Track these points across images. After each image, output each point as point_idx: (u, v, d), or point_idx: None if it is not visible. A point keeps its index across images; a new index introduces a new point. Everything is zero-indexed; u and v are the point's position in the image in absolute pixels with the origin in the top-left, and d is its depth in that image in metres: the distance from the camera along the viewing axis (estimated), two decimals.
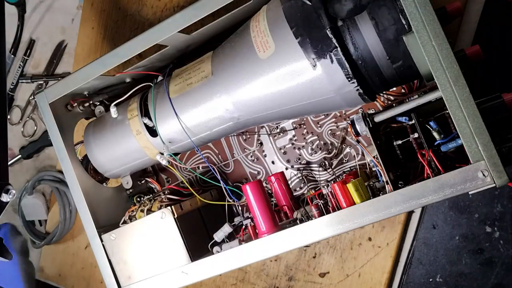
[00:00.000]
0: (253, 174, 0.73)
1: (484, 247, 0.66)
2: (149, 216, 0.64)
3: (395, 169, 0.56)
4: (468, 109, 0.45)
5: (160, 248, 0.64)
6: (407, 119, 0.54)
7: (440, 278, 0.68)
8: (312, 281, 0.73)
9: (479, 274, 0.66)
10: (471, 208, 0.67)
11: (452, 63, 0.45)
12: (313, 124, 0.69)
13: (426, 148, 0.52)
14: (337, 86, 0.51)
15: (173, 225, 0.63)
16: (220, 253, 0.60)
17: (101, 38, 0.86)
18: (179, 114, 0.62)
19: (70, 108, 0.69)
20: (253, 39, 0.54)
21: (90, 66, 0.62)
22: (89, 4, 0.86)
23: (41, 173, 0.93)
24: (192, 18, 0.56)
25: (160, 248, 0.64)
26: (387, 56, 0.50)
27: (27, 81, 0.93)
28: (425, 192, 0.48)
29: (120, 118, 0.66)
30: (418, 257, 0.69)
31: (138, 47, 0.59)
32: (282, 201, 0.64)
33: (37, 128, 0.94)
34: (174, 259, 0.63)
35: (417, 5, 0.45)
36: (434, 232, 0.69)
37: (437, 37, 0.45)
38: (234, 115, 0.59)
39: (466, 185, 0.46)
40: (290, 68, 0.52)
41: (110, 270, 0.65)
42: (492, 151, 0.45)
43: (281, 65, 0.53)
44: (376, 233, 0.69)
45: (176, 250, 0.63)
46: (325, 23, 0.49)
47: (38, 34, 0.93)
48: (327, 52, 0.50)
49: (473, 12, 0.65)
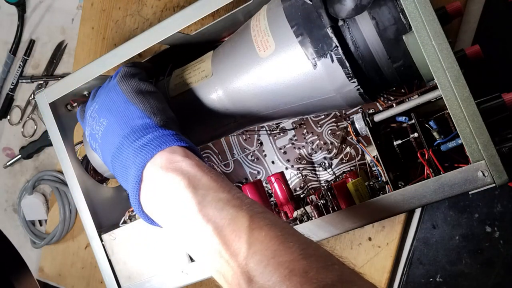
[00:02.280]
0: (253, 174, 0.73)
1: (484, 247, 0.66)
2: None
3: (395, 169, 0.56)
4: (468, 109, 0.45)
5: (160, 248, 0.64)
6: (407, 119, 0.54)
7: (440, 278, 0.68)
8: None
9: (479, 274, 0.66)
10: (471, 208, 0.67)
11: (452, 63, 0.45)
12: (313, 124, 0.69)
13: (426, 148, 0.52)
14: (337, 85, 0.51)
15: None
16: None
17: (101, 38, 0.86)
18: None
19: (70, 108, 0.69)
20: (254, 39, 0.54)
21: (90, 66, 0.62)
22: (89, 4, 0.86)
23: (41, 173, 0.93)
24: (192, 18, 0.56)
25: (160, 248, 0.64)
26: (388, 56, 0.50)
27: (27, 81, 0.93)
28: (425, 192, 0.48)
29: None
30: (418, 257, 0.69)
31: (138, 47, 0.59)
32: (282, 201, 0.64)
33: (37, 128, 0.94)
34: (174, 259, 0.63)
35: (417, 5, 0.45)
36: (434, 232, 0.69)
37: (437, 37, 0.45)
38: (234, 114, 0.59)
39: (466, 185, 0.46)
40: (291, 67, 0.52)
41: (110, 270, 0.65)
42: (492, 151, 0.45)
43: (281, 64, 0.53)
44: (376, 233, 0.69)
45: (176, 250, 0.63)
46: (325, 22, 0.49)
47: (38, 34, 0.93)
48: (328, 51, 0.50)
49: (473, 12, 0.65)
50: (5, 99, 0.95)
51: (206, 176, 0.47)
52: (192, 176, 0.47)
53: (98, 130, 0.55)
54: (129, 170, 0.49)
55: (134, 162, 0.49)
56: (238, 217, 0.43)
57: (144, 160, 0.48)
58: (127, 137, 0.51)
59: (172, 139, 0.49)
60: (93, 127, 0.56)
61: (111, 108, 0.54)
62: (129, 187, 0.50)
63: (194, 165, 0.47)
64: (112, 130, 0.53)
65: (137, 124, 0.51)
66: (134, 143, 0.50)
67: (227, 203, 0.44)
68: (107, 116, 0.54)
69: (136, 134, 0.50)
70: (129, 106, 0.53)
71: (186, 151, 0.49)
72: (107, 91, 0.56)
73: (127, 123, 0.52)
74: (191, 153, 0.49)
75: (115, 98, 0.54)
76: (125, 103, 0.53)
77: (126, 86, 0.54)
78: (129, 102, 0.53)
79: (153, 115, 0.52)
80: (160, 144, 0.49)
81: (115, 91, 0.55)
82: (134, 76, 0.56)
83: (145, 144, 0.49)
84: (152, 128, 0.51)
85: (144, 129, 0.51)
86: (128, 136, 0.51)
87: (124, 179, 0.51)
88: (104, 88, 0.58)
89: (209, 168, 0.48)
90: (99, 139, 0.55)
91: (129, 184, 0.50)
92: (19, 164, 0.97)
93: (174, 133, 0.51)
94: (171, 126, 0.52)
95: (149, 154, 0.48)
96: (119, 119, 0.52)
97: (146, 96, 0.54)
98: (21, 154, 0.95)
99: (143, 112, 0.52)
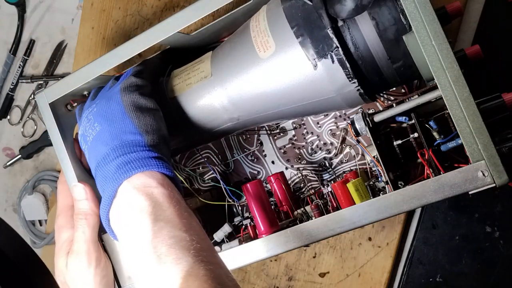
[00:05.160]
0: (253, 174, 0.73)
1: (484, 247, 0.66)
2: None
3: (395, 169, 0.56)
4: (468, 109, 0.45)
5: None
6: (407, 119, 0.54)
7: (440, 278, 0.68)
8: (312, 281, 0.73)
9: (479, 274, 0.67)
10: (471, 208, 0.67)
11: (452, 63, 0.45)
12: (313, 124, 0.69)
13: (426, 148, 0.52)
14: (337, 86, 0.51)
15: None
16: (220, 253, 0.60)
17: (101, 38, 0.85)
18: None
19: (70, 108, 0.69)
20: (253, 39, 0.54)
21: (90, 66, 0.62)
22: (89, 4, 0.86)
23: (41, 173, 0.93)
24: (192, 18, 0.56)
25: None
26: (388, 56, 0.50)
27: (27, 81, 0.93)
28: (425, 192, 0.48)
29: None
30: (418, 257, 0.69)
31: (138, 47, 0.59)
32: (282, 201, 0.64)
33: (37, 128, 0.94)
34: None
35: (417, 5, 0.45)
36: (434, 232, 0.69)
37: (437, 37, 0.45)
38: (233, 115, 0.59)
39: (466, 185, 0.46)
40: (291, 68, 0.52)
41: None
42: (492, 151, 0.45)
43: (281, 65, 0.53)
44: (376, 233, 0.69)
45: None
46: (326, 23, 0.49)
47: (38, 34, 0.93)
48: (328, 52, 0.50)
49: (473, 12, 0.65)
50: (5, 99, 0.95)
51: (171, 208, 0.49)
52: (159, 205, 0.49)
53: (90, 133, 0.56)
54: (107, 183, 0.52)
55: (113, 176, 0.51)
56: (182, 258, 0.46)
57: (122, 177, 0.51)
58: (115, 150, 0.52)
59: (154, 164, 0.51)
60: (86, 129, 0.57)
61: (108, 116, 0.55)
62: (103, 198, 0.52)
63: (165, 195, 0.50)
64: (103, 138, 0.54)
65: (128, 139, 0.53)
66: (119, 158, 0.52)
67: (178, 242, 0.47)
68: (101, 122, 0.55)
69: (124, 149, 0.52)
70: (125, 119, 0.54)
71: (164, 179, 0.51)
72: (108, 97, 0.57)
73: (119, 135, 0.53)
74: (168, 182, 0.51)
75: (114, 107, 0.55)
76: (122, 114, 0.54)
77: (127, 98, 0.55)
78: (126, 115, 0.54)
79: (145, 133, 0.53)
80: (141, 165, 0.51)
81: (115, 100, 0.55)
82: (139, 88, 0.57)
83: (128, 161, 0.51)
84: (140, 147, 0.52)
85: (132, 146, 0.52)
86: (116, 149, 0.52)
87: (102, 189, 0.53)
88: (107, 91, 0.59)
89: (178, 201, 0.50)
90: (89, 142, 0.56)
91: (104, 195, 0.52)
92: (19, 164, 0.97)
93: (159, 156, 0.52)
94: (161, 148, 0.54)
95: (128, 172, 0.50)
96: (112, 129, 0.54)
97: (144, 113, 0.55)
98: (21, 154, 0.95)
99: (136, 128, 0.53)
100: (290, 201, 0.63)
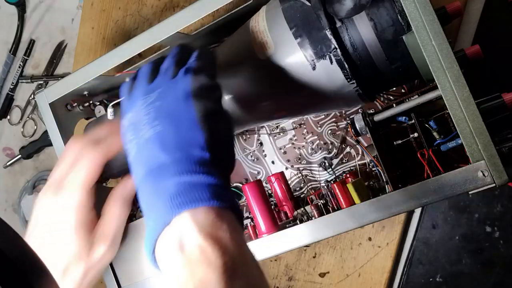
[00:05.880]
0: (253, 174, 0.73)
1: (484, 247, 0.66)
2: None
3: (395, 169, 0.56)
4: (468, 109, 0.45)
5: None
6: (407, 119, 0.54)
7: (440, 278, 0.68)
8: (312, 281, 0.73)
9: (479, 274, 0.67)
10: (471, 208, 0.67)
11: (452, 63, 0.45)
12: (313, 124, 0.69)
13: (426, 148, 0.52)
14: (336, 86, 0.51)
15: None
16: None
17: (101, 38, 0.86)
18: None
19: (70, 108, 0.69)
20: (253, 40, 0.54)
21: (90, 66, 0.62)
22: (89, 4, 0.86)
23: (41, 173, 0.93)
24: (192, 18, 0.56)
25: None
26: (386, 57, 0.50)
27: (27, 81, 0.93)
28: (425, 192, 0.48)
29: (117, 119, 0.66)
30: (418, 257, 0.69)
31: (138, 47, 0.59)
32: (282, 201, 0.64)
33: (37, 128, 0.94)
34: None
35: (417, 5, 0.45)
36: (434, 232, 0.69)
37: (437, 37, 0.45)
38: (233, 115, 0.59)
39: (466, 185, 0.46)
40: (290, 68, 0.52)
41: (110, 269, 0.65)
42: (492, 151, 0.45)
43: (280, 66, 0.53)
44: (376, 233, 0.69)
45: None
46: (324, 24, 0.49)
47: (38, 34, 0.93)
48: (327, 53, 0.50)
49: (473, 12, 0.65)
50: (5, 99, 0.95)
51: (246, 265, 0.41)
52: (233, 258, 0.40)
53: (146, 129, 0.46)
54: (159, 201, 0.43)
55: (171, 199, 0.42)
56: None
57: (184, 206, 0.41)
58: (177, 163, 0.43)
59: (225, 197, 0.43)
60: (141, 120, 0.47)
61: (174, 118, 0.46)
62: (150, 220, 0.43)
63: (237, 241, 0.41)
64: (164, 143, 0.45)
65: (194, 155, 0.44)
66: (181, 176, 0.43)
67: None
68: (164, 123, 0.46)
69: (188, 166, 0.43)
70: (196, 130, 0.45)
71: (232, 217, 0.43)
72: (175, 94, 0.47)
73: (185, 147, 0.44)
74: (235, 221, 0.43)
75: (183, 109, 0.46)
76: (193, 123, 0.45)
77: (202, 106, 0.46)
78: (198, 126, 0.45)
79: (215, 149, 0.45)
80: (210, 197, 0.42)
81: (186, 104, 0.46)
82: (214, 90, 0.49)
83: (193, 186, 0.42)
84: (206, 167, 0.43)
85: (198, 165, 0.43)
86: (178, 162, 0.44)
87: (148, 205, 0.44)
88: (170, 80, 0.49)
89: (245, 243, 0.42)
90: (141, 139, 0.46)
91: (151, 216, 0.43)
92: (19, 164, 0.97)
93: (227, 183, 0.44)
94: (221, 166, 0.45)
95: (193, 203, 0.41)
96: (177, 137, 0.45)
97: (217, 124, 0.46)
98: (21, 154, 0.95)
99: (206, 144, 0.44)
100: (290, 201, 0.63)
